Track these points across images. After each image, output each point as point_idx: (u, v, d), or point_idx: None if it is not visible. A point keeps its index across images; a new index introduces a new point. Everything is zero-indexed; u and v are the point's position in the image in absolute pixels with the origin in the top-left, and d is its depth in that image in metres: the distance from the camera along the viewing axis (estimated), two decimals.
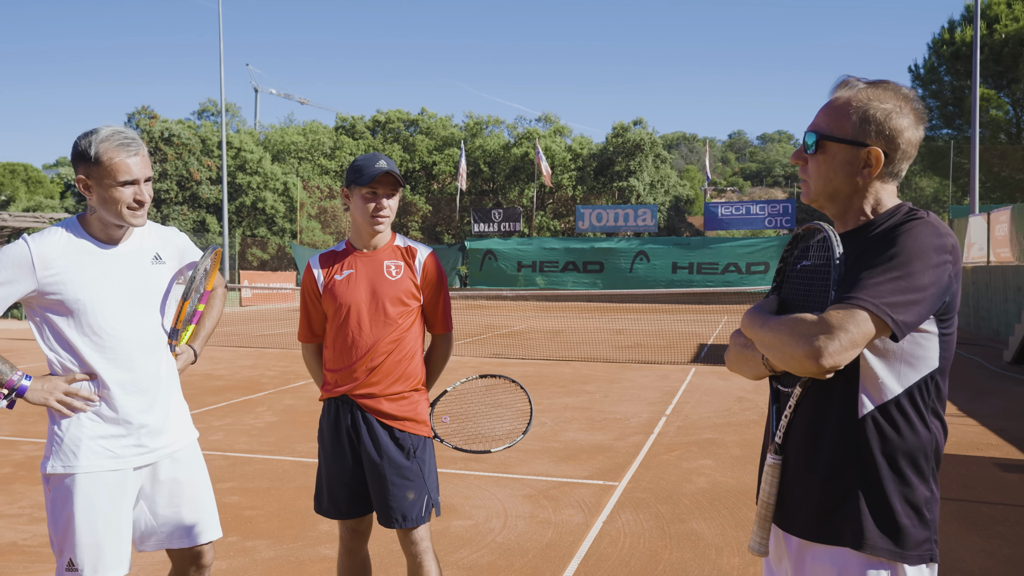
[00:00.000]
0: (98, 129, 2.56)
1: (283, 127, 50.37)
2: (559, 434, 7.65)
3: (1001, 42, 33.56)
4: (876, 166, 1.79)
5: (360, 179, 2.91)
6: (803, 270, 1.92)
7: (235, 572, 4.21)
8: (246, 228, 39.96)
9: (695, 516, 5.12)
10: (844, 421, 1.76)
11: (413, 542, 2.96)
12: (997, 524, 4.97)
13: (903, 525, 1.72)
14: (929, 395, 1.75)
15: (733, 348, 1.96)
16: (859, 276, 1.68)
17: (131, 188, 2.55)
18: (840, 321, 1.63)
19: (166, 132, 38.98)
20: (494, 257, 37.17)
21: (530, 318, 24.22)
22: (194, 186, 38.97)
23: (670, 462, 6.56)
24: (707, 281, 34.09)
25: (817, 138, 1.84)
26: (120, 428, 2.59)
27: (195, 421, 8.54)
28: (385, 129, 48.56)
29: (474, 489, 5.73)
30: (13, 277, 2.48)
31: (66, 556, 2.56)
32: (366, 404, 2.94)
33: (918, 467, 1.74)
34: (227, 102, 58.01)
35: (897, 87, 1.82)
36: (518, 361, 13.47)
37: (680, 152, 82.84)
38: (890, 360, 1.73)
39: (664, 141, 53.95)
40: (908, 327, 1.65)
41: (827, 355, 1.62)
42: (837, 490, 1.76)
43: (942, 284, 1.68)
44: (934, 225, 1.71)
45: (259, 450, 6.98)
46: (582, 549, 4.53)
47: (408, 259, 3.04)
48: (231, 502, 5.44)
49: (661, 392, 10.21)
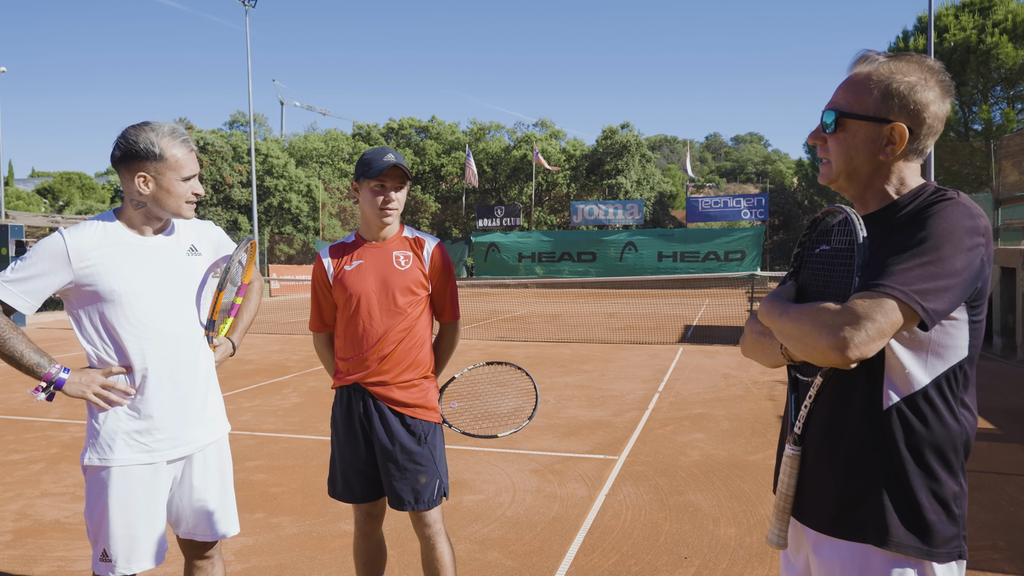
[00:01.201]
0: (152, 125, 2.31)
1: (306, 135, 49.96)
2: (561, 411, 7.42)
3: (950, 50, 33.24)
4: (900, 143, 1.53)
5: (369, 172, 2.66)
6: (822, 255, 1.67)
7: (261, 548, 3.99)
8: (274, 226, 39.72)
9: (691, 488, 4.89)
10: (867, 413, 1.51)
11: (426, 524, 2.74)
12: (972, 491, 4.72)
13: (931, 521, 1.47)
14: (959, 386, 1.50)
15: (750, 336, 1.71)
16: (886, 261, 1.42)
17: (190, 183, 2.35)
18: (867, 310, 1.38)
19: (201, 141, 38.64)
20: (497, 249, 36.86)
21: (530, 304, 23.96)
22: (227, 189, 38.69)
23: (665, 436, 6.33)
24: (690, 268, 33.79)
25: (837, 116, 1.57)
26: (155, 422, 2.35)
27: (226, 403, 8.32)
28: (398, 135, 48.12)
29: (484, 465, 5.50)
30: (49, 269, 2.24)
31: (100, 546, 2.34)
32: (377, 392, 2.71)
33: (946, 461, 1.49)
34: (255, 113, 57.69)
35: (921, 58, 1.55)
36: (521, 343, 13.23)
37: (663, 152, 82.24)
38: (918, 350, 1.47)
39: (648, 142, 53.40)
40: (939, 315, 1.40)
41: (853, 346, 1.37)
42: (859, 484, 1.51)
43: (974, 269, 1.42)
44: (965, 205, 1.44)
45: (285, 429, 6.75)
46: (587, 522, 4.30)
47: (416, 249, 2.80)
48: (258, 480, 5.22)
49: (653, 370, 9.97)
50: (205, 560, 2.59)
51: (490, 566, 3.73)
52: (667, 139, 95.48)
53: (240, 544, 4.04)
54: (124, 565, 2.33)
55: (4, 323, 2.23)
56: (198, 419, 2.47)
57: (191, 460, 2.48)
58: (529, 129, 49.86)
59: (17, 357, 2.24)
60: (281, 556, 3.88)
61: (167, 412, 2.37)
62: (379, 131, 48.45)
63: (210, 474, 2.52)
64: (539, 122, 49.43)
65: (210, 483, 2.52)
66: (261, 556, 3.89)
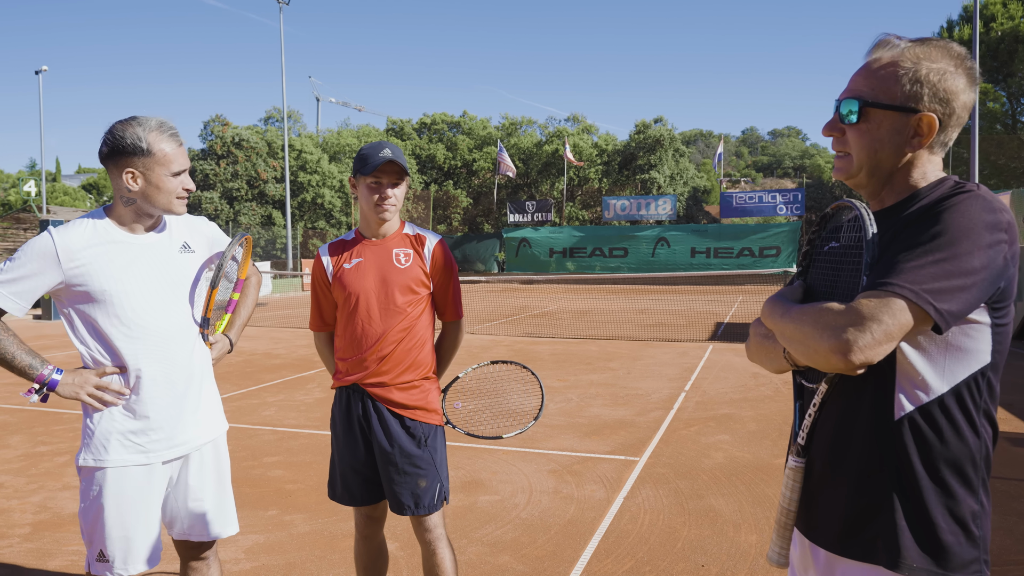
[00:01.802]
0: (140, 119, 2.25)
1: (339, 130, 50.35)
2: (584, 410, 7.30)
3: (997, 39, 32.24)
4: (929, 135, 1.40)
5: (364, 168, 2.59)
6: (831, 252, 1.54)
7: (271, 546, 3.96)
8: (307, 221, 40.11)
9: (713, 492, 4.75)
10: (877, 424, 1.38)
11: (427, 529, 2.66)
12: (1013, 500, 4.52)
13: (946, 543, 1.35)
14: (980, 395, 1.36)
15: (753, 339, 1.60)
16: (896, 259, 1.30)
17: (180, 179, 2.29)
18: (872, 311, 1.26)
19: (237, 137, 39.18)
20: (528, 244, 36.72)
21: (560, 300, 23.82)
22: (261, 184, 39.16)
23: (689, 437, 6.18)
24: (723, 264, 33.29)
25: (860, 105, 1.43)
26: (150, 422, 2.31)
27: (252, 397, 8.36)
28: (430, 130, 48.20)
29: (502, 464, 5.42)
30: (38, 269, 2.19)
31: (96, 547, 2.30)
32: (377, 393, 2.64)
33: (964, 476, 1.36)
34: (291, 109, 58.28)
35: (947, 44, 1.41)
36: (548, 340, 13.12)
37: (698, 147, 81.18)
38: (933, 355, 1.34)
39: (683, 137, 52.70)
40: (953, 317, 1.27)
41: (857, 350, 1.25)
42: (868, 501, 1.39)
43: (996, 267, 1.28)
44: (986, 199, 1.31)
45: (306, 425, 6.75)
46: (603, 526, 4.20)
47: (417, 247, 2.71)
48: (275, 476, 5.20)
49: (681, 368, 9.79)
50: (200, 561, 2.54)
51: (501, 570, 3.64)
52: (702, 133, 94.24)
53: (251, 542, 4.02)
54: (121, 566, 2.29)
55: None
56: (193, 418, 2.42)
57: (187, 460, 2.44)
58: (561, 124, 49.65)
59: (9, 358, 2.20)
60: (291, 555, 3.85)
61: (162, 412, 2.33)
62: (412, 126, 48.60)
63: (206, 474, 2.48)
64: (571, 117, 49.08)
65: (206, 483, 2.47)
66: (271, 555, 3.85)
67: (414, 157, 44.78)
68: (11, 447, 6.09)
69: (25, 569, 3.71)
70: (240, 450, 5.87)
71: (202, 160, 39.44)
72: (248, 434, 6.42)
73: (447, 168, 45.21)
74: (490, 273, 36.99)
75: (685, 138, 66.33)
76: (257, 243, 38.80)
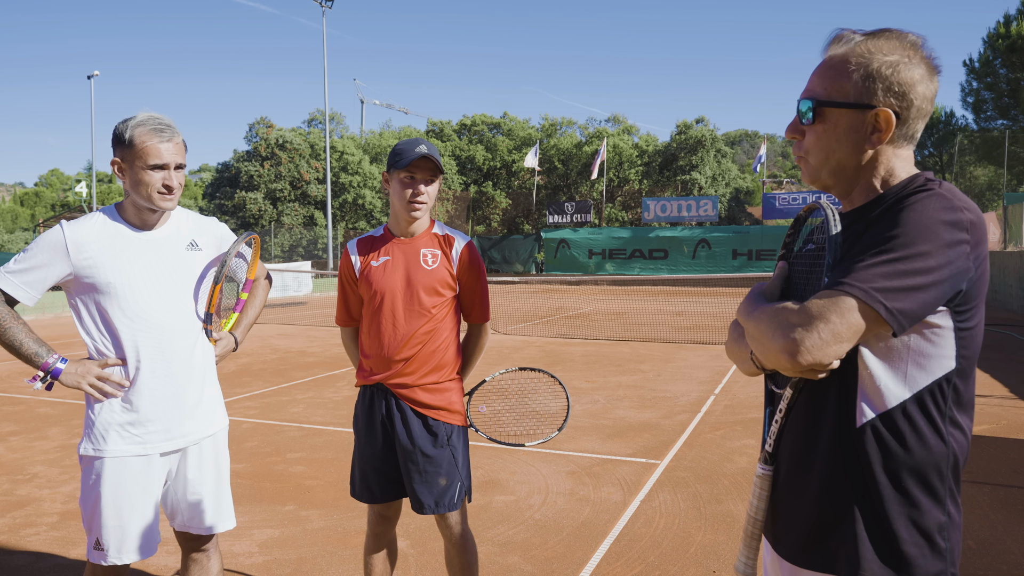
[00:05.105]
0: (137, 115, 2.35)
1: (381, 132, 50.93)
2: (609, 411, 7.26)
3: None
4: (887, 130, 1.36)
5: (399, 163, 2.59)
6: (805, 255, 1.52)
7: (286, 541, 4.03)
8: (348, 222, 40.66)
9: (732, 497, 4.68)
10: (840, 430, 1.35)
11: (448, 526, 2.72)
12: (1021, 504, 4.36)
13: (909, 555, 1.31)
14: (946, 402, 1.32)
15: (728, 339, 1.58)
16: (852, 259, 1.28)
17: (161, 173, 2.33)
18: (821, 310, 1.23)
19: (280, 139, 39.96)
20: (567, 246, 36.62)
21: (597, 301, 23.71)
22: (304, 185, 39.86)
23: (714, 441, 6.10)
24: (765, 267, 32.76)
25: (813, 105, 1.40)
26: (148, 414, 2.38)
27: (282, 394, 8.50)
28: (470, 131, 48.47)
29: (520, 464, 5.42)
30: (48, 260, 2.30)
31: (94, 536, 2.38)
32: (401, 393, 2.66)
33: (929, 486, 1.32)
34: (335, 111, 59.12)
35: (902, 34, 1.37)
36: (580, 341, 13.07)
37: (742, 148, 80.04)
38: (894, 360, 1.31)
39: (727, 138, 52.01)
40: (907, 318, 1.23)
41: (804, 350, 1.23)
42: (831, 510, 1.36)
43: (956, 268, 1.24)
44: (946, 197, 1.27)
45: (331, 422, 6.85)
46: (616, 528, 4.17)
47: (445, 248, 2.71)
48: (296, 472, 5.29)
49: (712, 371, 9.67)
50: (201, 553, 2.60)
51: (509, 570, 3.65)
52: (747, 134, 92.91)
53: (267, 536, 4.10)
54: (115, 555, 2.36)
55: (5, 312, 2.30)
56: (193, 412, 2.48)
57: (186, 453, 2.50)
58: (601, 125, 49.43)
59: (16, 345, 2.30)
60: (303, 550, 3.91)
61: (160, 405, 2.39)
62: (452, 128, 48.92)
63: (205, 468, 2.53)
64: (611, 117, 48.91)
65: (205, 477, 2.53)
66: (284, 549, 3.92)
67: (453, 158, 45.03)
68: (49, 438, 6.30)
69: (48, 555, 3.84)
70: (265, 446, 5.98)
71: (246, 161, 40.31)
72: (274, 430, 6.54)
73: (486, 169, 45.38)
74: (528, 274, 36.98)
75: (729, 139, 65.46)
76: (299, 243, 39.45)
